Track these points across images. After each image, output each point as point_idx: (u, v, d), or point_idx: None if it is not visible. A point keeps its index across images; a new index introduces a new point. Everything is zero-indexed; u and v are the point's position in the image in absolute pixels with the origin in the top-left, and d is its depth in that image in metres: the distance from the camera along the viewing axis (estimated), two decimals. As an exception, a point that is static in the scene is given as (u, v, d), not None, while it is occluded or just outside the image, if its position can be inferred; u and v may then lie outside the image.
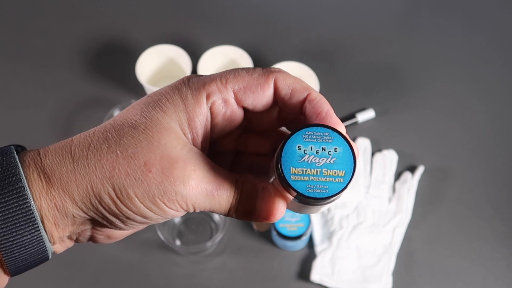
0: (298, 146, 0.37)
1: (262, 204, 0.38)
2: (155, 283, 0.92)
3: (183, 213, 0.38)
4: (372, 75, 1.10)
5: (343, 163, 0.37)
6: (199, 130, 0.39)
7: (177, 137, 0.38)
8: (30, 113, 1.06)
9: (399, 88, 1.09)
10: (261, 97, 0.39)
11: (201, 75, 0.40)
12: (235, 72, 0.39)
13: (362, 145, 1.01)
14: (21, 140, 1.03)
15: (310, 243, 0.94)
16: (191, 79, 0.39)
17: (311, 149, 0.37)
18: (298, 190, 0.36)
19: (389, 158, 1.00)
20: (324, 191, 0.36)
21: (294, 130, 0.37)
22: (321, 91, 0.99)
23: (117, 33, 1.14)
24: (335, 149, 0.37)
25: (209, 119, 0.39)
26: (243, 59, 1.02)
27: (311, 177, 0.36)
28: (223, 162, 0.43)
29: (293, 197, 0.37)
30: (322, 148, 0.37)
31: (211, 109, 0.39)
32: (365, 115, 1.04)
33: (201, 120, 0.39)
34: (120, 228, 0.39)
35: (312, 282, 0.91)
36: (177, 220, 0.97)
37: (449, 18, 1.17)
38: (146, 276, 0.93)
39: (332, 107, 0.41)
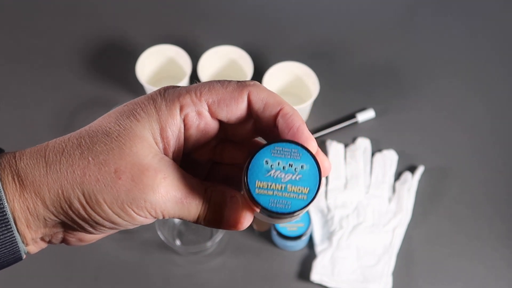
0: (266, 161, 0.38)
1: (229, 213, 0.39)
2: (155, 283, 0.92)
3: (152, 220, 0.39)
4: (372, 75, 1.10)
5: (308, 181, 0.38)
6: (171, 140, 0.39)
7: (149, 146, 0.38)
8: (30, 113, 1.06)
9: (399, 88, 1.09)
10: (234, 110, 0.40)
11: (178, 87, 0.40)
12: (209, 85, 0.40)
13: (362, 145, 1.01)
14: (21, 140, 1.03)
15: (310, 243, 0.94)
16: (167, 90, 0.40)
17: (278, 164, 0.38)
18: (261, 203, 0.37)
19: (389, 158, 1.00)
20: (286, 207, 0.37)
21: (263, 145, 0.38)
22: (321, 91, 0.99)
23: (117, 33, 1.14)
24: (301, 166, 0.38)
25: (182, 130, 0.40)
26: (243, 59, 1.02)
27: (275, 192, 0.37)
28: (199, 172, 0.44)
29: (258, 209, 0.38)
30: (289, 164, 0.38)
31: (184, 120, 0.39)
32: (365, 115, 1.04)
33: (174, 130, 0.39)
34: (90, 232, 0.40)
35: (312, 282, 0.91)
36: (177, 220, 0.97)
37: (449, 18, 1.17)
38: (146, 276, 0.93)
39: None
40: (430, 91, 1.08)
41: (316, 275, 0.90)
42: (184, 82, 0.99)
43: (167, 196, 0.38)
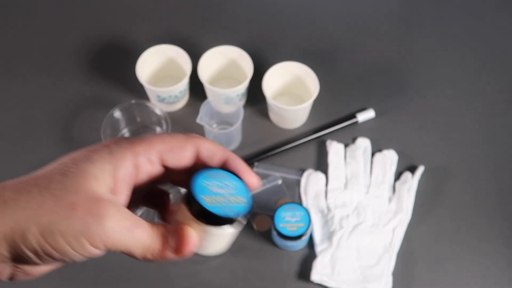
0: (206, 183, 0.44)
1: (176, 241, 0.43)
2: (155, 283, 0.92)
3: (102, 252, 0.42)
4: (372, 75, 1.10)
5: (242, 193, 0.44)
6: (122, 181, 0.43)
7: (103, 184, 0.42)
8: (30, 113, 1.06)
9: (399, 88, 1.09)
10: (182, 158, 0.45)
11: (131, 138, 0.44)
12: (160, 136, 0.45)
13: (362, 145, 1.01)
14: (21, 140, 1.03)
15: (310, 243, 0.94)
16: (122, 140, 0.44)
17: (216, 184, 0.44)
18: (215, 212, 0.42)
19: (389, 158, 1.00)
20: (233, 213, 0.43)
21: (200, 170, 0.44)
22: (321, 91, 0.99)
23: (117, 33, 1.14)
24: (233, 184, 0.45)
25: (133, 174, 0.44)
26: (243, 59, 1.02)
27: (222, 203, 0.43)
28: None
29: (206, 224, 0.43)
30: (224, 183, 0.44)
31: (136, 166, 0.43)
32: (365, 115, 1.04)
33: (125, 173, 0.43)
34: (37, 265, 0.41)
35: (312, 282, 0.91)
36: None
37: (450, 18, 1.17)
38: (146, 276, 0.93)
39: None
40: (430, 91, 1.08)
41: (316, 275, 0.90)
42: (184, 82, 1.00)
43: (120, 224, 0.40)
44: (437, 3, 1.18)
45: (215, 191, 0.44)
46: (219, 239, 0.45)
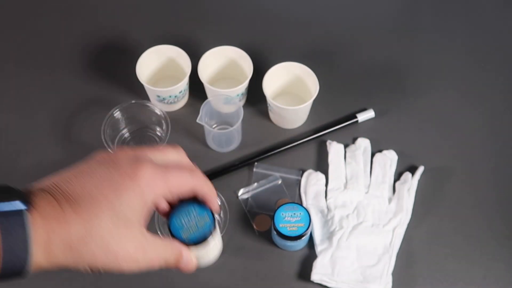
0: (178, 222, 0.61)
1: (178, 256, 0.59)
2: (155, 283, 0.92)
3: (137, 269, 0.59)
4: (372, 75, 1.10)
5: (207, 215, 0.61)
6: (146, 216, 0.55)
7: (132, 223, 0.54)
8: (30, 114, 1.06)
9: (399, 88, 1.09)
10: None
11: (157, 173, 0.54)
12: (182, 178, 0.57)
13: (362, 145, 1.01)
14: (21, 140, 1.03)
15: (310, 243, 0.94)
16: (150, 179, 0.54)
17: (185, 219, 0.61)
18: (190, 241, 0.60)
19: (389, 158, 1.00)
20: (204, 233, 0.60)
21: (172, 211, 0.61)
22: (321, 91, 0.99)
23: (117, 33, 1.14)
24: (198, 212, 0.61)
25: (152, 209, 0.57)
26: (243, 59, 1.02)
27: (194, 230, 0.60)
28: None
29: (191, 247, 0.60)
30: (193, 215, 0.61)
31: (156, 204, 0.59)
32: (365, 115, 1.04)
33: (148, 213, 0.55)
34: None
35: (312, 282, 0.91)
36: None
37: (450, 18, 1.17)
38: (146, 276, 0.93)
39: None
40: (430, 91, 1.08)
41: (316, 275, 0.90)
42: (184, 82, 1.00)
43: (152, 239, 0.56)
44: (437, 3, 1.18)
45: (186, 225, 0.61)
46: (207, 252, 0.63)
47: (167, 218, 0.62)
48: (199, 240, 0.60)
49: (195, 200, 0.61)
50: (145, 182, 0.53)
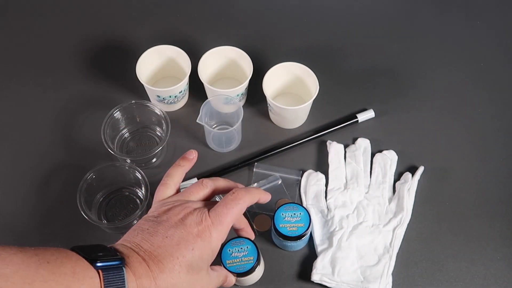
0: (229, 249, 0.82)
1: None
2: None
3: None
4: (372, 75, 1.10)
5: (252, 253, 0.82)
6: (213, 259, 0.71)
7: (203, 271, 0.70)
8: (30, 113, 1.06)
9: (399, 88, 1.09)
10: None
11: (220, 222, 0.71)
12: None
13: (362, 145, 1.01)
14: (21, 141, 1.03)
15: (310, 243, 0.94)
16: (217, 231, 0.71)
17: (234, 249, 0.82)
18: (231, 270, 0.81)
19: (389, 158, 1.00)
20: (244, 269, 0.81)
21: (226, 241, 0.82)
22: (321, 91, 0.99)
23: (117, 33, 1.14)
24: (247, 247, 0.82)
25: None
26: (243, 59, 1.02)
27: (236, 263, 0.81)
28: None
29: (233, 274, 0.82)
30: (241, 248, 0.82)
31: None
32: (365, 115, 1.04)
33: (215, 255, 0.71)
34: None
35: (312, 282, 0.91)
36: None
37: (449, 18, 1.17)
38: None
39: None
40: (430, 91, 1.08)
41: (316, 275, 0.90)
42: (184, 82, 1.00)
43: (212, 274, 0.74)
44: (437, 4, 1.18)
45: (234, 255, 0.81)
46: (248, 279, 0.85)
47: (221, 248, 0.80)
48: (242, 273, 0.81)
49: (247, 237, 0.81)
50: (212, 238, 0.68)
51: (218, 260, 0.82)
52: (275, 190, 0.98)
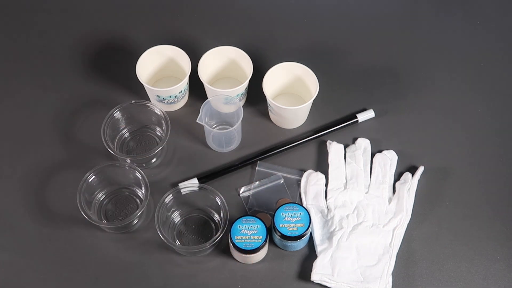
0: (239, 226, 0.87)
1: None
2: (155, 283, 0.92)
3: None
4: (372, 75, 1.10)
5: (261, 233, 0.87)
6: None
7: None
8: (30, 113, 1.06)
9: (399, 88, 1.09)
10: None
11: None
12: None
13: (362, 145, 1.01)
14: (21, 140, 1.03)
15: (310, 243, 0.94)
16: None
17: (245, 227, 0.87)
18: (238, 246, 0.87)
19: (389, 158, 1.00)
20: (252, 246, 0.86)
21: (236, 219, 0.88)
22: (321, 91, 0.99)
23: (117, 33, 1.14)
24: (257, 226, 0.87)
25: None
26: (243, 59, 1.02)
27: (244, 240, 0.86)
28: None
29: (238, 251, 0.87)
30: (251, 226, 0.87)
31: None
32: (365, 115, 1.04)
33: None
34: None
35: (312, 282, 0.91)
36: (177, 220, 0.97)
37: (449, 18, 1.17)
38: (146, 276, 0.93)
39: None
40: (429, 92, 1.08)
41: (316, 275, 0.90)
42: (184, 82, 1.00)
43: None
44: (437, 5, 1.18)
45: (244, 232, 0.86)
46: (249, 259, 0.89)
47: (232, 223, 0.87)
48: (248, 250, 0.86)
49: (260, 217, 0.87)
50: None
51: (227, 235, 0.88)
52: (276, 189, 0.98)
